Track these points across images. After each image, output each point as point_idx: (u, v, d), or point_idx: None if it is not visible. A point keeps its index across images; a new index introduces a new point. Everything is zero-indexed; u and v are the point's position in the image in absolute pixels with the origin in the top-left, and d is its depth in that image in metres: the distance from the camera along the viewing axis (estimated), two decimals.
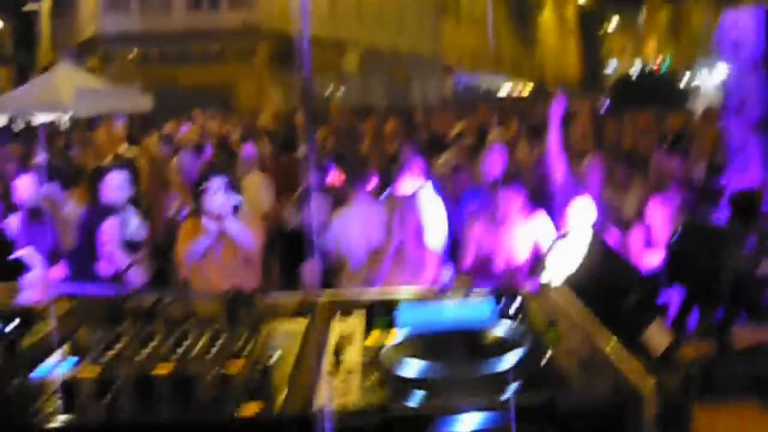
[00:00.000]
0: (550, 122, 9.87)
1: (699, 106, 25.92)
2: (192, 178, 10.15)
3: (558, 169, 9.60)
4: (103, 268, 7.86)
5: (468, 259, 8.68)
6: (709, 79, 52.92)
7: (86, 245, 8.01)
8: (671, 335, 5.25)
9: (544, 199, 9.61)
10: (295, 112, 25.73)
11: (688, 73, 55.59)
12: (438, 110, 30.84)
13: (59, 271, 7.93)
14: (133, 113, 26.09)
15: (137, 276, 7.68)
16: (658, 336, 5.11)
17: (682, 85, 40.82)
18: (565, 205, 9.12)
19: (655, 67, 55.36)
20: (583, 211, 8.62)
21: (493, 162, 10.94)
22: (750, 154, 8.45)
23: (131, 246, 8.12)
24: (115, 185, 9.43)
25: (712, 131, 14.86)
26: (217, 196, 7.77)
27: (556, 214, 9.20)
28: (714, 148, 13.11)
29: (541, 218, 8.74)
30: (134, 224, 8.61)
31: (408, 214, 7.96)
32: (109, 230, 7.93)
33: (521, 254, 8.47)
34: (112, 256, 7.82)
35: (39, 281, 4.68)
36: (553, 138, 9.70)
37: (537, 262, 6.18)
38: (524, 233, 8.55)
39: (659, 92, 30.58)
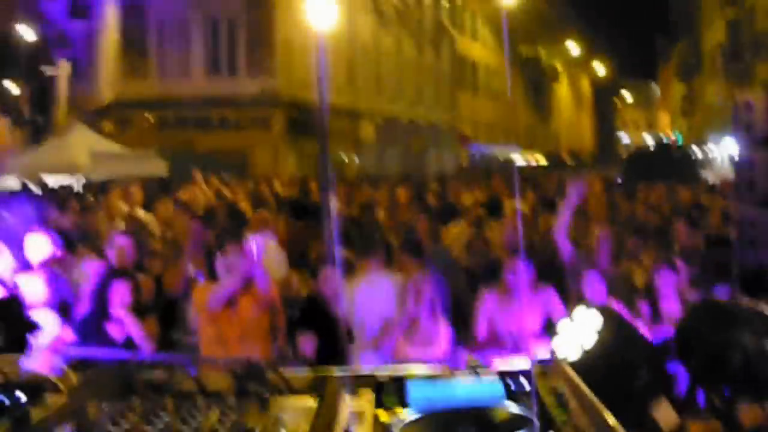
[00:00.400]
0: (564, 201, 9.94)
1: (712, 180, 25.97)
2: (204, 243, 10.22)
3: (566, 248, 9.65)
4: (114, 331, 7.90)
5: (479, 331, 8.69)
6: (721, 153, 53.05)
7: (98, 309, 8.06)
8: (680, 413, 5.26)
9: (556, 272, 9.64)
10: (310, 179, 25.79)
11: (699, 147, 55.70)
12: (452, 180, 30.95)
13: (71, 333, 7.95)
14: (150, 177, 26.20)
15: (147, 341, 7.72)
16: (666, 413, 5.12)
17: (696, 158, 40.86)
18: (575, 278, 9.15)
19: (670, 141, 55.50)
20: (591, 286, 8.64)
21: (507, 234, 10.98)
22: (760, 230, 8.48)
23: (141, 310, 8.17)
24: (123, 249, 9.52)
25: (723, 205, 14.90)
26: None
27: (567, 287, 9.23)
28: (725, 223, 13.14)
29: (552, 292, 8.76)
30: (144, 288, 8.68)
31: (421, 286, 7.99)
32: (118, 294, 7.98)
33: (532, 327, 8.48)
34: (122, 319, 7.86)
35: (50, 345, 4.70)
36: (564, 219, 9.76)
37: (549, 335, 6.19)
38: (535, 306, 8.57)
39: (674, 165, 30.66)
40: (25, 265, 9.41)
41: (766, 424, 5.25)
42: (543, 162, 73.16)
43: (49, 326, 7.91)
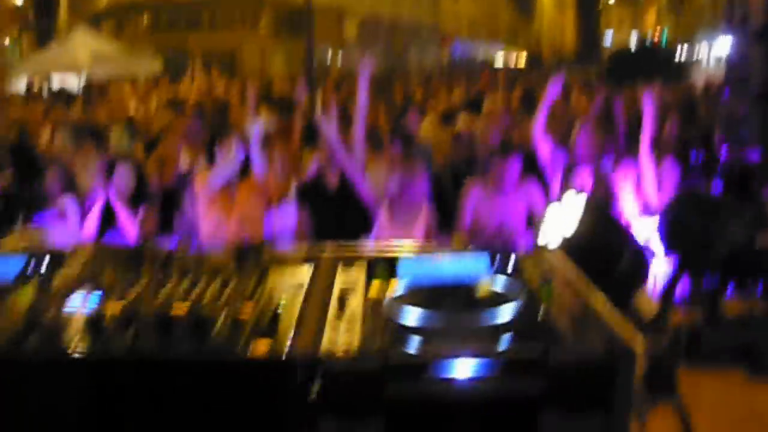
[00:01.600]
0: (542, 98, 10.03)
1: (697, 80, 25.92)
2: (200, 138, 10.33)
3: (543, 145, 9.76)
4: (121, 218, 8.09)
5: (464, 223, 8.83)
6: (708, 53, 52.67)
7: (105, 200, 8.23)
8: (661, 300, 5.39)
9: (537, 167, 9.75)
10: (297, 77, 25.83)
11: (686, 47, 55.27)
12: (434, 78, 31.00)
13: (90, 221, 8.15)
14: (145, 76, 26.77)
15: (144, 226, 7.90)
16: (647, 301, 5.25)
17: (680, 58, 40.64)
18: (557, 173, 9.27)
19: (654, 40, 55.05)
20: (579, 179, 8.76)
21: (489, 129, 11.07)
22: (749, 128, 8.55)
23: (138, 197, 8.34)
24: (120, 142, 9.65)
25: (707, 105, 14.96)
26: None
27: (550, 181, 9.35)
28: (712, 121, 13.23)
29: (535, 185, 8.88)
30: (140, 176, 8.84)
31: (401, 172, 8.13)
32: (116, 181, 8.17)
33: (516, 220, 8.61)
34: (122, 206, 8.04)
35: (69, 230, 4.90)
36: (541, 116, 9.86)
37: (533, 224, 6.30)
38: (519, 199, 8.69)
39: (657, 65, 30.50)
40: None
41: (747, 315, 5.39)
42: (525, 60, 72.98)
43: (69, 215, 8.13)
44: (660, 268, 6.59)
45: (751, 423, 5.14)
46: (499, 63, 69.36)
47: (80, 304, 3.62)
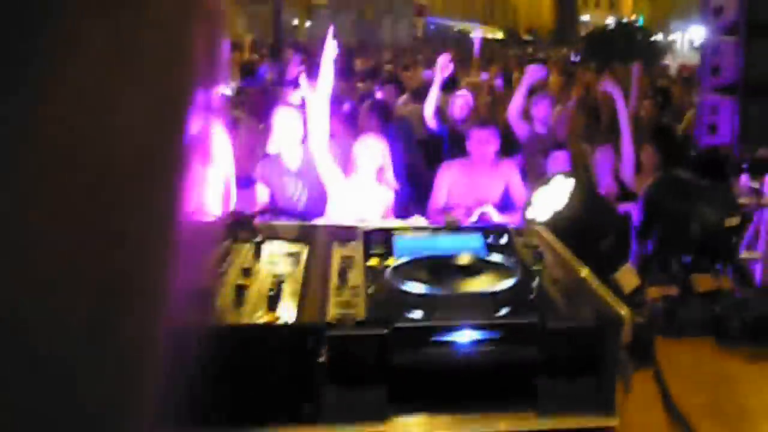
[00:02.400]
0: (521, 81, 10.15)
1: (671, 64, 26.12)
2: None
3: (520, 127, 9.90)
4: None
5: (438, 201, 8.92)
6: (683, 38, 52.86)
7: None
8: (640, 277, 5.58)
9: (514, 146, 9.88)
10: (263, 43, 25.56)
11: (662, 31, 55.30)
12: (407, 51, 31.02)
13: None
14: None
15: None
16: (628, 277, 5.43)
17: (655, 41, 40.73)
18: (531, 157, 9.40)
19: (630, 22, 55.21)
20: (555, 162, 8.90)
21: (463, 105, 11.18)
22: (720, 115, 8.69)
23: None
24: None
25: (684, 89, 15.14)
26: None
27: (527, 161, 9.48)
28: (687, 105, 13.39)
29: (512, 164, 9.00)
30: None
31: (365, 151, 8.20)
32: None
33: (492, 198, 8.72)
34: None
35: None
36: (518, 100, 9.99)
37: (519, 202, 6.46)
38: (496, 177, 8.81)
39: (634, 47, 30.59)
40: None
41: (716, 291, 5.64)
42: (500, 37, 72.94)
43: None
44: (639, 246, 6.78)
45: (719, 385, 5.42)
46: (474, 37, 69.24)
47: None
